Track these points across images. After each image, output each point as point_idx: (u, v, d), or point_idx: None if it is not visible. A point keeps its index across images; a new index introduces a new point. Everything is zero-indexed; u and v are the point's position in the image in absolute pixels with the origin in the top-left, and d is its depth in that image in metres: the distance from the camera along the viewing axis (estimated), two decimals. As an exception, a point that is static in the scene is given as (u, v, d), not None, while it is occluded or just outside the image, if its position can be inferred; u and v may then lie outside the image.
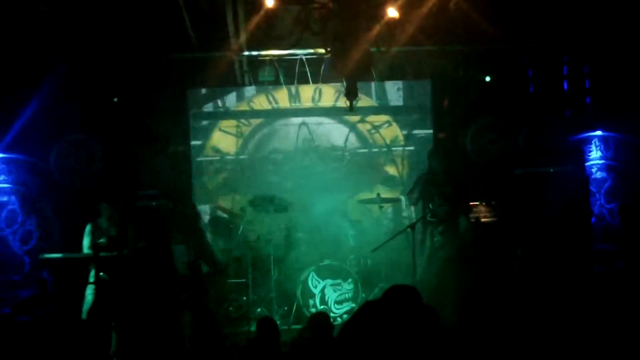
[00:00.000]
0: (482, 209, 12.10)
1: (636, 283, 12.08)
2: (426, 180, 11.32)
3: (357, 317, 3.52)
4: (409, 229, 10.59)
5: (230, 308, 11.86)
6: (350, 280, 11.51)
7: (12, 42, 11.91)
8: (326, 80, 12.84)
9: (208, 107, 13.33)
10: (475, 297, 10.46)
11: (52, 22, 11.36)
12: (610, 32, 12.10)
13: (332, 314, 10.62)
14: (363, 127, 13.37)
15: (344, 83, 10.08)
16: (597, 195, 12.86)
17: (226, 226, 12.31)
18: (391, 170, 13.13)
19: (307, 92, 13.23)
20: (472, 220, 11.10)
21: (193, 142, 13.22)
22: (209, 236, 12.69)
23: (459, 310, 10.30)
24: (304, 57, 12.42)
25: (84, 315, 10.65)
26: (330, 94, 13.22)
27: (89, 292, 10.75)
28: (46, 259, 11.00)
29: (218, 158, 13.28)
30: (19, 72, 12.23)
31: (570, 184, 11.64)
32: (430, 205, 10.99)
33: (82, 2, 11.44)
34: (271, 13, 10.15)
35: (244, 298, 11.71)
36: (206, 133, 13.29)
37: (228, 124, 13.36)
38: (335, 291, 11.51)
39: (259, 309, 11.70)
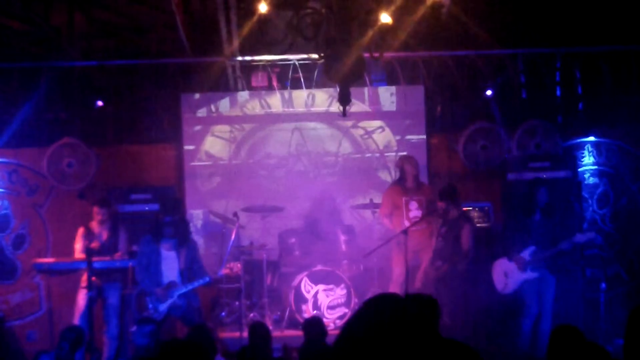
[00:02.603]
0: (475, 214, 12.12)
1: (628, 288, 12.11)
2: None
3: (352, 325, 3.52)
4: (402, 234, 10.61)
5: (223, 313, 11.86)
6: (342, 285, 11.51)
7: (3, 47, 11.91)
8: (319, 85, 12.85)
9: (201, 112, 13.31)
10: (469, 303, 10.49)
11: (44, 27, 11.36)
12: (602, 38, 12.14)
13: (324, 319, 10.59)
14: (356, 133, 13.37)
15: (337, 88, 10.10)
16: (590, 200, 12.88)
17: (219, 231, 12.32)
18: (384, 175, 13.13)
19: (300, 97, 13.23)
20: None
21: (186, 147, 13.20)
22: (201, 241, 12.71)
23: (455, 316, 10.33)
24: (297, 62, 12.43)
25: (76, 320, 10.65)
26: (323, 99, 13.22)
27: (81, 297, 10.74)
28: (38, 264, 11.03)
29: (211, 163, 13.26)
30: (11, 77, 12.23)
31: (563, 189, 11.66)
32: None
33: (75, 7, 11.45)
34: (264, 18, 10.16)
35: (237, 303, 11.71)
36: (199, 138, 13.27)
37: (221, 129, 13.35)
38: (328, 296, 11.52)
39: (251, 314, 11.70)
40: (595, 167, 12.99)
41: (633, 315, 4.82)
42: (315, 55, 11.40)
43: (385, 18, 9.27)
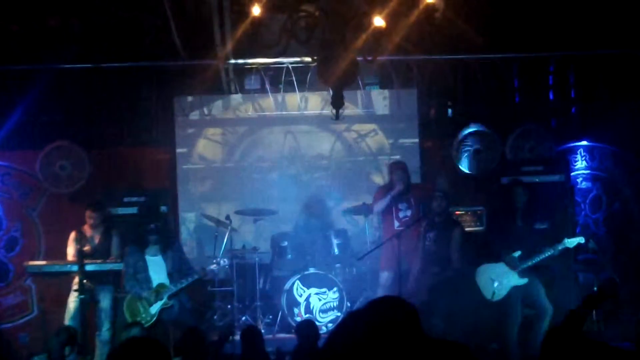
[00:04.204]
0: (468, 218, 12.11)
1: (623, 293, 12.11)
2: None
3: (341, 329, 3.52)
4: (394, 238, 10.61)
5: (215, 316, 11.85)
6: (335, 289, 11.49)
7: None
8: (312, 88, 12.82)
9: (194, 115, 13.29)
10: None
11: (38, 28, 11.36)
12: (596, 42, 12.15)
13: (317, 323, 10.58)
14: (349, 136, 13.37)
15: (331, 91, 10.09)
16: (583, 205, 12.89)
17: (212, 234, 12.30)
18: (377, 179, 13.09)
19: (293, 100, 13.19)
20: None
21: (179, 150, 13.18)
22: (194, 244, 12.70)
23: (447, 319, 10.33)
24: (290, 66, 12.41)
25: (66, 323, 10.63)
26: (316, 102, 13.20)
27: (72, 300, 10.73)
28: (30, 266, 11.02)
29: (204, 166, 13.25)
30: (5, 79, 12.20)
31: (556, 193, 11.66)
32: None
33: (69, 9, 11.44)
34: (258, 21, 10.14)
35: (229, 306, 11.71)
36: (192, 141, 13.27)
37: (214, 131, 13.34)
38: (320, 300, 11.50)
39: (243, 318, 11.69)
40: (589, 171, 13.01)
41: None
42: (308, 59, 11.41)
43: (378, 21, 9.26)
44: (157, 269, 10.40)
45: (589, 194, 12.96)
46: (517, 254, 10.18)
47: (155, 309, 10.19)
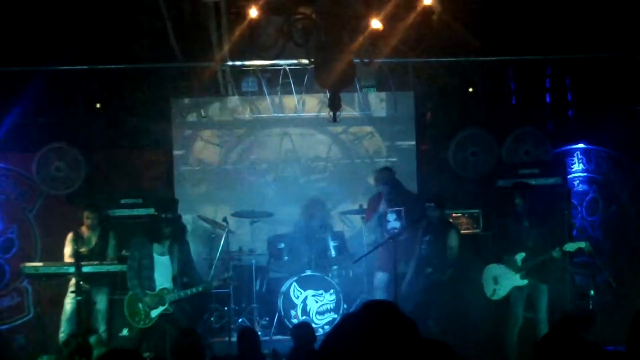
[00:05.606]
0: (464, 220, 12.12)
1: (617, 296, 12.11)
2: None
3: (338, 331, 3.52)
4: (391, 240, 10.61)
5: (212, 318, 11.84)
6: (332, 291, 11.51)
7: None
8: (309, 90, 12.82)
9: (191, 117, 13.28)
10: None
11: (35, 30, 11.35)
12: (592, 45, 12.16)
13: (313, 325, 10.58)
14: (346, 138, 13.37)
15: (327, 94, 10.09)
16: (579, 207, 12.90)
17: (208, 236, 12.30)
18: (373, 181, 13.09)
19: (290, 102, 13.20)
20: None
21: (176, 152, 13.18)
22: (191, 246, 12.69)
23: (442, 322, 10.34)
24: (287, 68, 12.41)
25: (62, 325, 10.63)
26: (313, 104, 13.20)
27: (68, 302, 10.71)
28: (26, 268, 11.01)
29: (200, 168, 13.24)
30: (1, 81, 12.19)
31: (552, 196, 11.66)
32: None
33: (66, 11, 11.43)
34: (255, 24, 10.13)
35: (226, 308, 11.70)
36: (189, 143, 13.26)
37: (211, 133, 13.34)
38: (317, 302, 11.51)
39: (240, 320, 11.69)
40: (585, 174, 13.02)
41: (636, 320, 4.81)
42: (305, 61, 11.39)
43: (375, 24, 9.26)
44: (162, 271, 10.32)
45: (586, 197, 12.97)
46: (521, 255, 10.21)
47: (155, 313, 10.18)
